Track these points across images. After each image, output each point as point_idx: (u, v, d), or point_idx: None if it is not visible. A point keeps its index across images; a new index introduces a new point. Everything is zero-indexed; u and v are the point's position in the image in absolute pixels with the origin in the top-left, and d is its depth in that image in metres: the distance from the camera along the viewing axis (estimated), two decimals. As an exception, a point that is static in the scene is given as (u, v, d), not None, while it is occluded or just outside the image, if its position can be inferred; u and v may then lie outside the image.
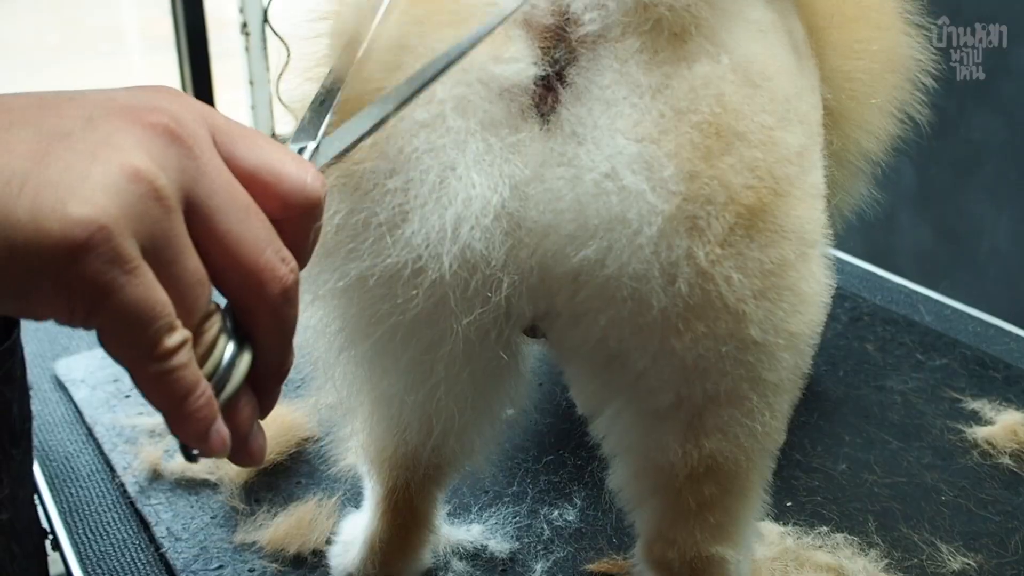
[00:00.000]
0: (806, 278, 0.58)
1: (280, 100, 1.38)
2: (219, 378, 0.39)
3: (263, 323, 0.41)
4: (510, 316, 0.57)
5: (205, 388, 0.38)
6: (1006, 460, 0.95)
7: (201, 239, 0.38)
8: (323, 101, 0.49)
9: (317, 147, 0.46)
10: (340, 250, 0.55)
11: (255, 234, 0.39)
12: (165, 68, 2.11)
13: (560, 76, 0.54)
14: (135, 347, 0.36)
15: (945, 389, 1.06)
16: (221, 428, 0.39)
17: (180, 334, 0.37)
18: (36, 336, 1.14)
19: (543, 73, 0.54)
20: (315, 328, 0.61)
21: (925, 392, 1.06)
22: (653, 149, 0.52)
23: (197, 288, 0.38)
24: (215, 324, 0.39)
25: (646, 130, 0.52)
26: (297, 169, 0.41)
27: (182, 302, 0.37)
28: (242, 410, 0.41)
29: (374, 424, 0.70)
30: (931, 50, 0.88)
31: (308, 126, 0.47)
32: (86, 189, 0.34)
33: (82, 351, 1.10)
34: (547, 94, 0.54)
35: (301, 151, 0.45)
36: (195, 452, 0.40)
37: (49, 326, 1.16)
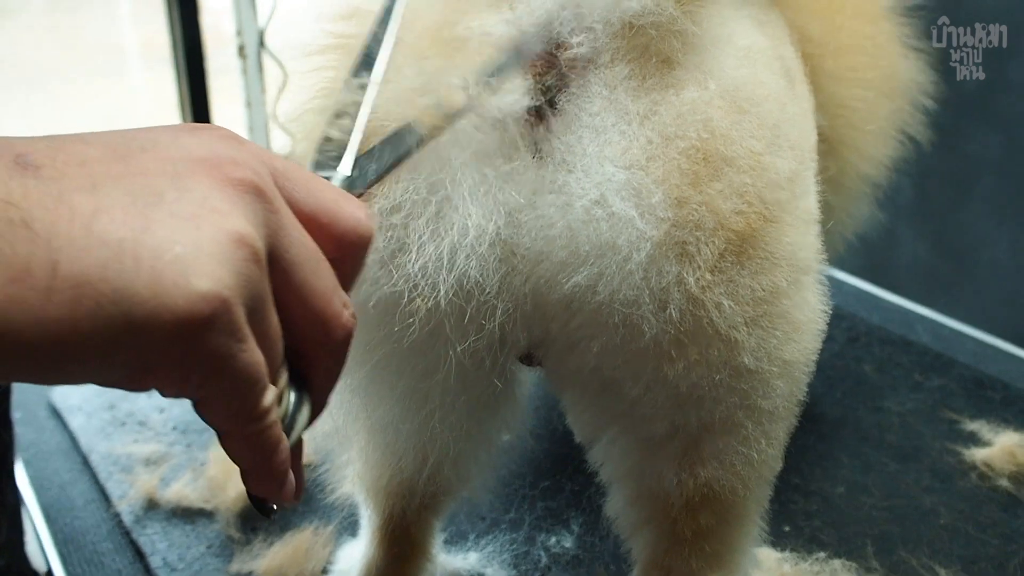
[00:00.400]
0: (799, 305, 0.57)
1: (277, 122, 1.38)
2: (286, 427, 0.40)
3: (322, 368, 0.41)
4: (505, 343, 0.57)
5: (285, 441, 0.39)
6: (1004, 482, 0.94)
7: (278, 291, 0.38)
8: (350, 127, 0.48)
9: (351, 177, 0.46)
10: None
11: (324, 283, 0.39)
12: (164, 84, 2.12)
13: (551, 103, 0.54)
14: (238, 411, 0.36)
15: (943, 410, 1.06)
16: (291, 476, 0.40)
17: (272, 392, 0.37)
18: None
19: (536, 103, 0.54)
20: None
21: (923, 413, 1.06)
22: (641, 176, 0.52)
23: (279, 343, 0.38)
24: (284, 374, 0.39)
25: (634, 157, 0.53)
26: (351, 208, 0.41)
27: (269, 358, 0.37)
28: (298, 455, 0.42)
29: (370, 452, 0.70)
30: (930, 72, 0.89)
31: (336, 153, 0.47)
32: (204, 262, 0.33)
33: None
34: (539, 122, 0.54)
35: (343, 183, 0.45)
36: (273, 507, 0.41)
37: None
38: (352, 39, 0.60)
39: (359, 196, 0.45)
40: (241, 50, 1.42)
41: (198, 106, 2.04)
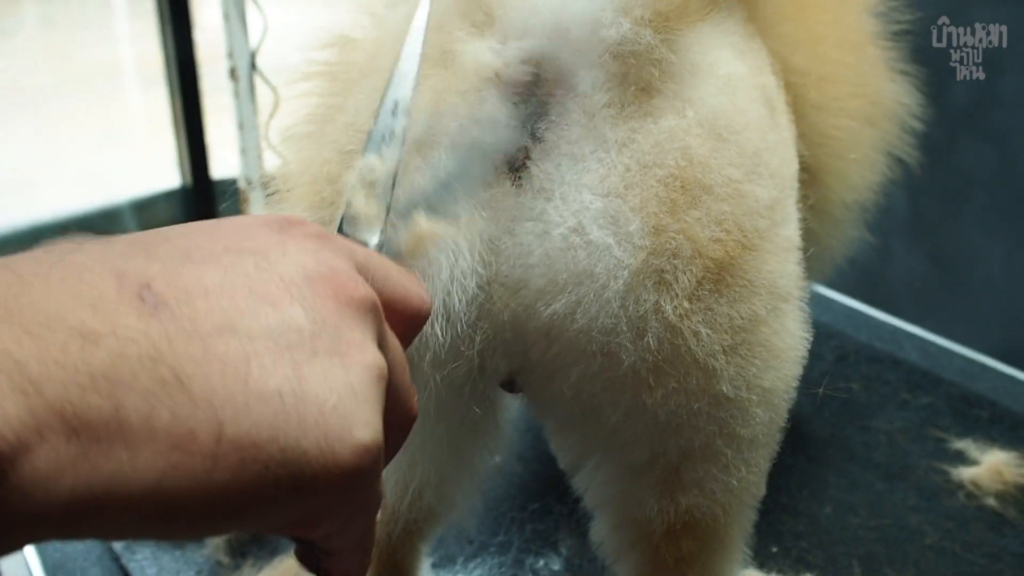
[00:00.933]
0: (779, 333, 0.58)
1: (269, 143, 1.39)
2: None
3: (391, 449, 0.41)
4: (485, 370, 0.58)
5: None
6: (991, 501, 0.95)
7: None
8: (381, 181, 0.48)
9: (380, 245, 0.46)
10: None
11: (408, 379, 0.40)
12: (160, 103, 2.13)
13: (531, 131, 0.54)
14: (364, 533, 0.37)
15: (930, 428, 1.07)
16: None
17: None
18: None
19: (516, 131, 0.54)
20: None
21: (910, 432, 1.06)
22: (619, 204, 0.53)
23: None
24: None
25: (612, 185, 0.53)
26: (417, 290, 0.42)
27: None
28: None
29: None
30: (917, 94, 0.90)
31: (368, 212, 0.47)
32: (360, 409, 0.33)
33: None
34: (518, 149, 0.54)
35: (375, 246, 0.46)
36: None
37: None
38: (336, 67, 0.61)
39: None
40: (233, 72, 1.43)
41: (192, 125, 2.05)
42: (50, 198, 2.55)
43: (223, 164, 2.08)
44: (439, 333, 0.53)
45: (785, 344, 0.58)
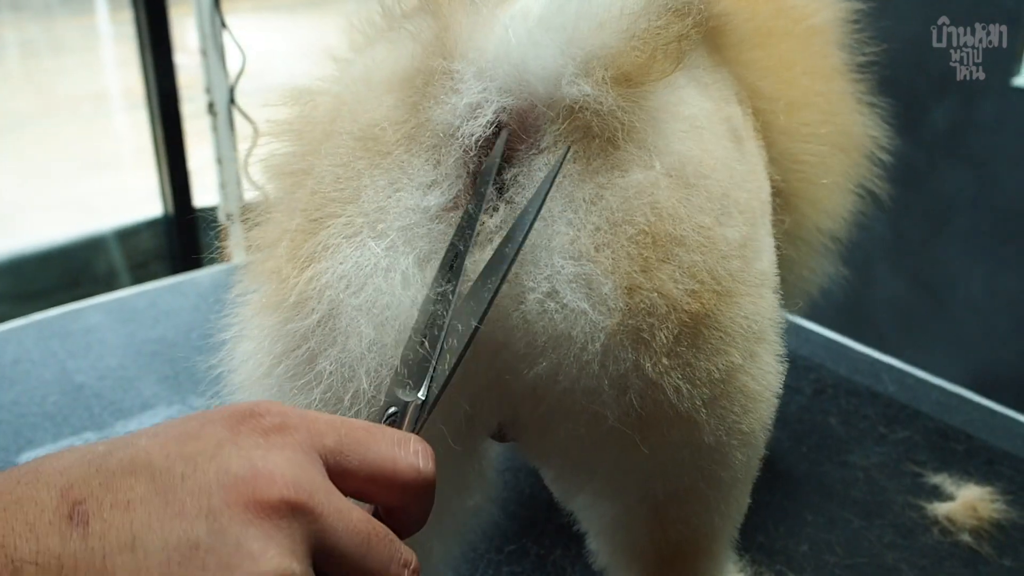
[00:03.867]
0: (756, 377, 0.58)
1: (248, 177, 1.39)
2: None
3: None
4: (474, 427, 0.58)
5: None
6: (966, 537, 0.95)
7: None
8: (423, 347, 0.49)
9: (426, 401, 0.47)
10: (304, 371, 0.55)
11: (379, 557, 0.41)
12: (144, 129, 2.12)
13: (499, 190, 0.54)
14: None
15: (907, 463, 1.07)
16: None
17: None
18: (0, 429, 1.14)
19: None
20: None
21: (887, 467, 1.07)
22: (591, 267, 0.52)
23: None
24: None
25: (583, 247, 0.53)
26: (408, 459, 0.43)
27: None
28: None
29: None
30: (884, 127, 0.90)
31: (413, 374, 0.48)
32: None
33: (46, 444, 1.10)
34: (488, 209, 0.54)
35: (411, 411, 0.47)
36: None
37: (11, 417, 1.15)
38: (300, 124, 0.61)
39: (428, 417, 0.47)
40: (211, 107, 1.43)
41: (173, 151, 2.05)
42: (33, 226, 2.55)
43: (206, 192, 2.08)
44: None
45: (762, 386, 0.59)
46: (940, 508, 0.99)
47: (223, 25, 1.41)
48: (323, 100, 0.60)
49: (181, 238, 2.16)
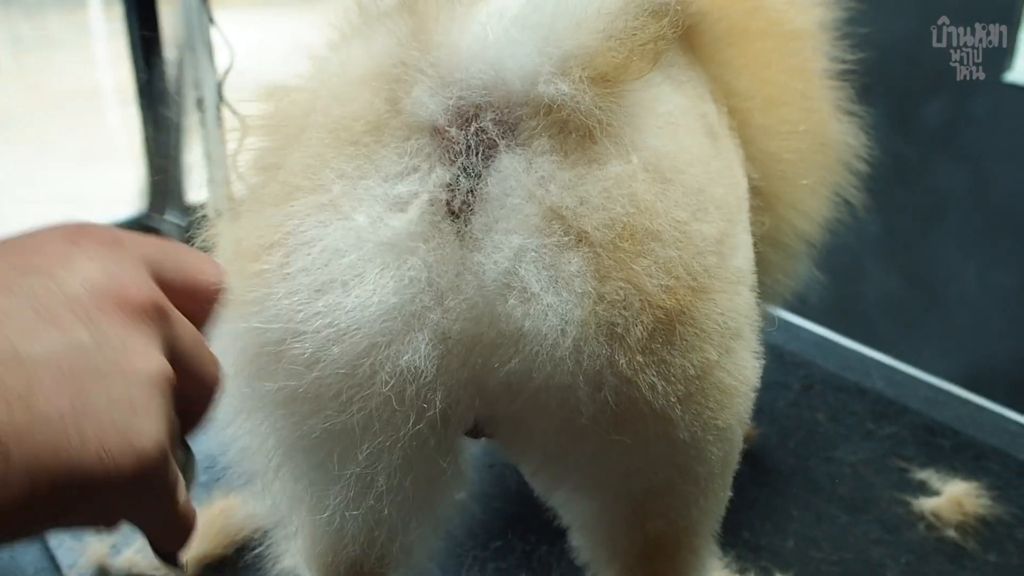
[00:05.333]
0: (731, 372, 0.58)
1: (237, 174, 1.38)
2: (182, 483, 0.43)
3: (200, 421, 0.45)
4: (449, 423, 0.57)
5: (193, 508, 0.43)
6: (951, 532, 0.95)
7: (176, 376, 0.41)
8: None
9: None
10: (271, 368, 0.55)
11: (208, 357, 0.43)
12: (133, 126, 2.12)
13: (472, 183, 0.54)
14: (165, 513, 0.40)
15: (894, 459, 1.07)
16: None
17: (180, 477, 0.41)
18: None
19: (451, 183, 0.53)
20: (252, 443, 0.61)
21: (874, 463, 1.07)
22: (564, 258, 0.52)
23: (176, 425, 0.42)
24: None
25: (557, 239, 0.52)
26: (211, 269, 0.45)
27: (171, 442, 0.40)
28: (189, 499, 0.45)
29: (316, 536, 0.70)
30: (863, 135, 0.90)
31: None
32: (140, 420, 0.37)
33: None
34: (460, 198, 0.53)
35: None
36: (184, 560, 0.45)
37: None
38: (275, 120, 0.61)
39: None
40: (200, 103, 1.42)
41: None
42: (23, 222, 2.54)
43: (198, 187, 2.08)
44: (401, 392, 0.53)
45: (738, 380, 0.58)
46: (926, 504, 0.99)
47: (211, 20, 1.41)
48: (299, 96, 0.59)
49: (172, 234, 2.15)
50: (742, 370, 0.59)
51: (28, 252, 0.39)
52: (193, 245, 0.60)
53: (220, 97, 1.45)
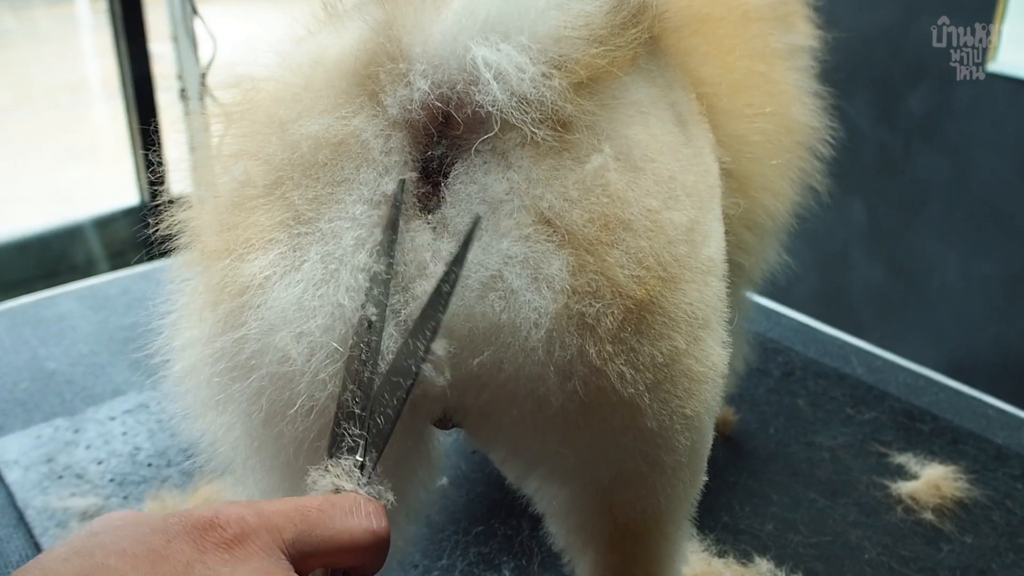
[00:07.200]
0: (700, 360, 0.58)
1: (220, 163, 1.39)
2: None
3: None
4: (417, 413, 0.58)
5: None
6: (928, 515, 0.97)
7: None
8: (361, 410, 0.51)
9: (362, 462, 0.49)
10: (239, 360, 0.55)
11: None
12: (119, 120, 2.12)
13: (444, 175, 0.54)
14: None
15: (873, 443, 1.08)
16: None
17: None
18: (-29, 415, 1.14)
19: (422, 174, 0.54)
20: (219, 437, 0.61)
21: (853, 447, 1.08)
22: (537, 249, 0.52)
23: None
24: None
25: (529, 229, 0.53)
26: (361, 523, 0.45)
27: None
28: None
29: None
30: (827, 119, 0.91)
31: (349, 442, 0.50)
32: None
33: (16, 431, 1.10)
34: (432, 192, 0.54)
35: (362, 468, 0.49)
36: None
37: (-16, 404, 1.15)
38: (238, 107, 0.61)
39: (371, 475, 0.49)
40: (183, 93, 1.43)
41: (148, 139, 2.05)
42: (10, 216, 2.54)
43: (183, 181, 2.08)
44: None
45: (705, 368, 0.59)
46: (904, 487, 1.00)
47: (194, 12, 1.41)
48: (267, 85, 0.60)
49: (157, 226, 2.15)
50: (710, 358, 0.60)
51: (156, 558, 0.40)
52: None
53: (203, 87, 1.45)
